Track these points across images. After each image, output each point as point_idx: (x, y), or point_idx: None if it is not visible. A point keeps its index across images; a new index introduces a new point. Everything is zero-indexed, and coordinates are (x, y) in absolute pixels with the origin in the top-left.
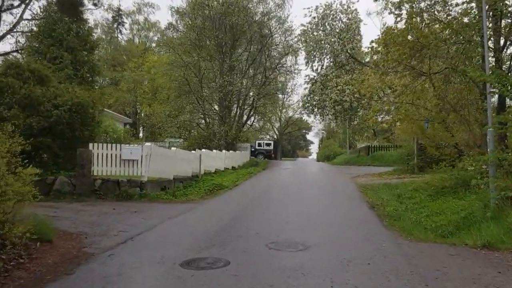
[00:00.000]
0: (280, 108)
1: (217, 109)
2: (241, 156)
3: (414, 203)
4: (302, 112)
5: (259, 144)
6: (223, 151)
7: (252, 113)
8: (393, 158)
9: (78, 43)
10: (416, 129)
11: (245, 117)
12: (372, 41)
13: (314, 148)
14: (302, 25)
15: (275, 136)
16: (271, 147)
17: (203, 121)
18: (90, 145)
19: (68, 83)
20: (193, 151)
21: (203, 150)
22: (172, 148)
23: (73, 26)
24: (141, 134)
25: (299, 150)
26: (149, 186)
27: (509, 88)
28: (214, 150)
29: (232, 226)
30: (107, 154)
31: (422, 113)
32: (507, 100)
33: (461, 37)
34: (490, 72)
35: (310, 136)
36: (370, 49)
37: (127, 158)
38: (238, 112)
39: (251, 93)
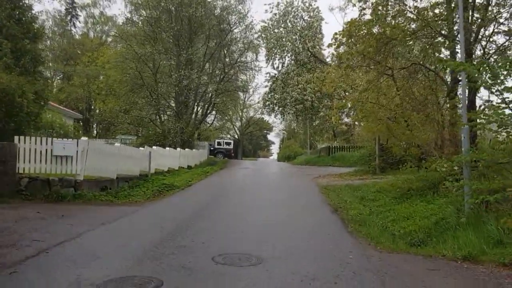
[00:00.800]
0: (241, 108)
1: (173, 105)
2: (198, 154)
3: (378, 206)
4: (263, 110)
5: (219, 143)
6: (178, 149)
7: (210, 110)
8: (354, 158)
9: (19, 31)
10: (382, 127)
11: (203, 114)
12: (335, 33)
13: (275, 149)
14: (262, 21)
15: (236, 136)
16: (231, 146)
17: (158, 117)
18: (16, 138)
19: (7, 73)
20: (141, 148)
21: (154, 147)
22: (116, 144)
23: (14, 13)
24: (96, 131)
25: (261, 150)
26: (85, 186)
27: (488, 78)
28: (167, 148)
29: (175, 235)
30: (35, 149)
31: (385, 111)
32: (477, 98)
33: (430, 30)
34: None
35: (271, 137)
36: (333, 42)
37: (60, 154)
38: (195, 109)
39: (209, 89)
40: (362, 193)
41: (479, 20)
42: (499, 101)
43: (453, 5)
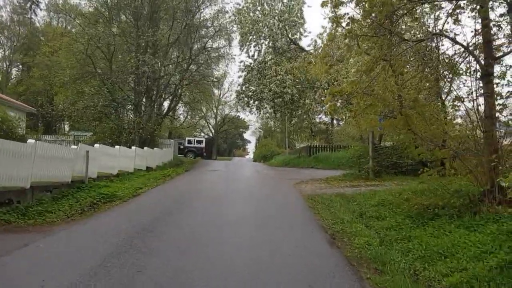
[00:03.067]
0: (216, 105)
1: (131, 97)
2: (162, 154)
3: (388, 229)
4: (237, 104)
5: (189, 141)
6: (133, 147)
7: (175, 103)
8: (339, 160)
9: None
10: (394, 121)
11: (168, 109)
12: None
13: (251, 147)
14: (237, 4)
15: (211, 134)
16: (203, 145)
17: (114, 111)
18: None
19: None
20: (73, 146)
21: (96, 145)
22: (29, 141)
23: None
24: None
25: (236, 149)
26: None
27: None
28: (117, 147)
29: None
30: None
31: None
32: None
33: None
34: None
35: (247, 135)
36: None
37: None
38: (157, 101)
39: (174, 79)
40: (359, 207)
41: None
42: None
43: None
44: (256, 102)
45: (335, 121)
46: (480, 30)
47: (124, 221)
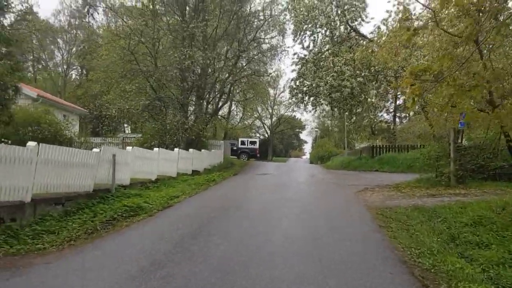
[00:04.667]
0: (271, 104)
1: (177, 95)
2: (209, 156)
3: (498, 264)
4: (290, 101)
5: (243, 142)
6: (176, 149)
7: (224, 101)
8: (408, 162)
9: None
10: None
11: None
12: None
13: (308, 148)
14: None
15: (266, 135)
16: (256, 146)
17: (161, 110)
18: None
19: None
20: (95, 150)
21: (128, 148)
22: (29, 144)
23: None
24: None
25: (292, 150)
26: None
27: None
28: (156, 149)
29: None
30: None
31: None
32: None
33: None
34: None
35: (303, 135)
36: None
37: None
38: (205, 100)
39: (222, 75)
40: (448, 226)
41: None
42: None
43: None
44: (312, 98)
45: (397, 119)
46: None
47: (135, 252)
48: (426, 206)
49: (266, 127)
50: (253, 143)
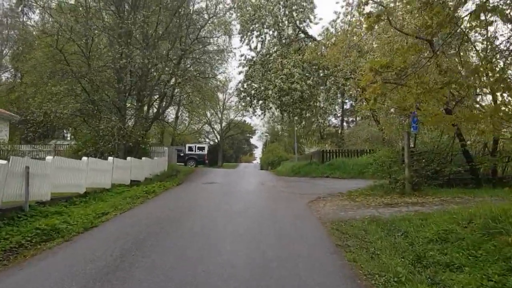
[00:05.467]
0: (221, 109)
1: (111, 97)
2: (151, 164)
3: None
4: (238, 104)
5: (190, 148)
6: (110, 158)
7: (166, 104)
8: (359, 167)
9: None
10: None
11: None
12: None
13: (258, 153)
14: None
15: (216, 140)
16: (205, 152)
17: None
18: None
19: None
20: (1, 161)
21: (48, 158)
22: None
23: None
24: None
25: (243, 155)
26: None
27: None
28: (84, 158)
29: None
30: None
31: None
32: None
33: None
34: None
35: (254, 140)
36: None
37: None
38: (147, 102)
39: (164, 77)
40: (410, 242)
41: None
42: None
43: None
44: (260, 102)
45: (345, 124)
46: None
47: None
48: (384, 217)
49: (215, 132)
50: (201, 149)
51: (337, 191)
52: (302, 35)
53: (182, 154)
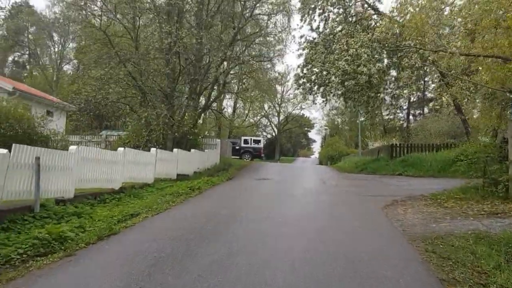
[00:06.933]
0: (279, 102)
1: (159, 83)
2: (202, 157)
3: None
4: (296, 91)
5: (246, 141)
6: (153, 150)
7: (218, 93)
8: (438, 164)
9: None
10: None
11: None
12: None
13: (316, 147)
14: None
15: (274, 134)
16: (261, 145)
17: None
18: None
19: None
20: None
21: (72, 147)
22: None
23: None
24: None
25: (301, 149)
26: None
27: None
28: (120, 149)
29: None
30: None
31: None
32: None
33: None
34: None
35: (312, 134)
36: None
37: None
38: (199, 90)
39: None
40: None
41: None
42: None
43: None
44: (322, 88)
45: (411, 117)
46: None
47: None
48: (494, 234)
49: (273, 125)
50: (257, 142)
51: (417, 193)
52: (372, 12)
53: (237, 147)
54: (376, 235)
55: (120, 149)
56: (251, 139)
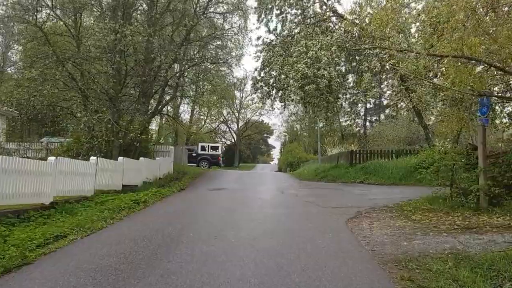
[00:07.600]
0: (238, 108)
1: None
2: (152, 166)
3: None
4: (254, 96)
5: (203, 148)
6: (92, 159)
7: (170, 96)
8: (399, 171)
9: None
10: None
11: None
12: None
13: (276, 153)
14: None
15: (233, 140)
16: (219, 152)
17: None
18: None
19: None
20: None
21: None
22: None
23: None
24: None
25: (260, 155)
26: None
27: None
28: (51, 158)
29: None
30: None
31: None
32: None
33: None
34: None
35: (271, 140)
36: None
37: None
38: (146, 92)
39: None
40: None
41: None
42: None
43: None
44: (280, 92)
45: (368, 123)
46: None
47: None
48: (473, 253)
49: (232, 132)
50: (215, 148)
51: (381, 204)
52: (331, 14)
53: (194, 154)
54: (342, 257)
55: (51, 158)
56: (208, 145)
